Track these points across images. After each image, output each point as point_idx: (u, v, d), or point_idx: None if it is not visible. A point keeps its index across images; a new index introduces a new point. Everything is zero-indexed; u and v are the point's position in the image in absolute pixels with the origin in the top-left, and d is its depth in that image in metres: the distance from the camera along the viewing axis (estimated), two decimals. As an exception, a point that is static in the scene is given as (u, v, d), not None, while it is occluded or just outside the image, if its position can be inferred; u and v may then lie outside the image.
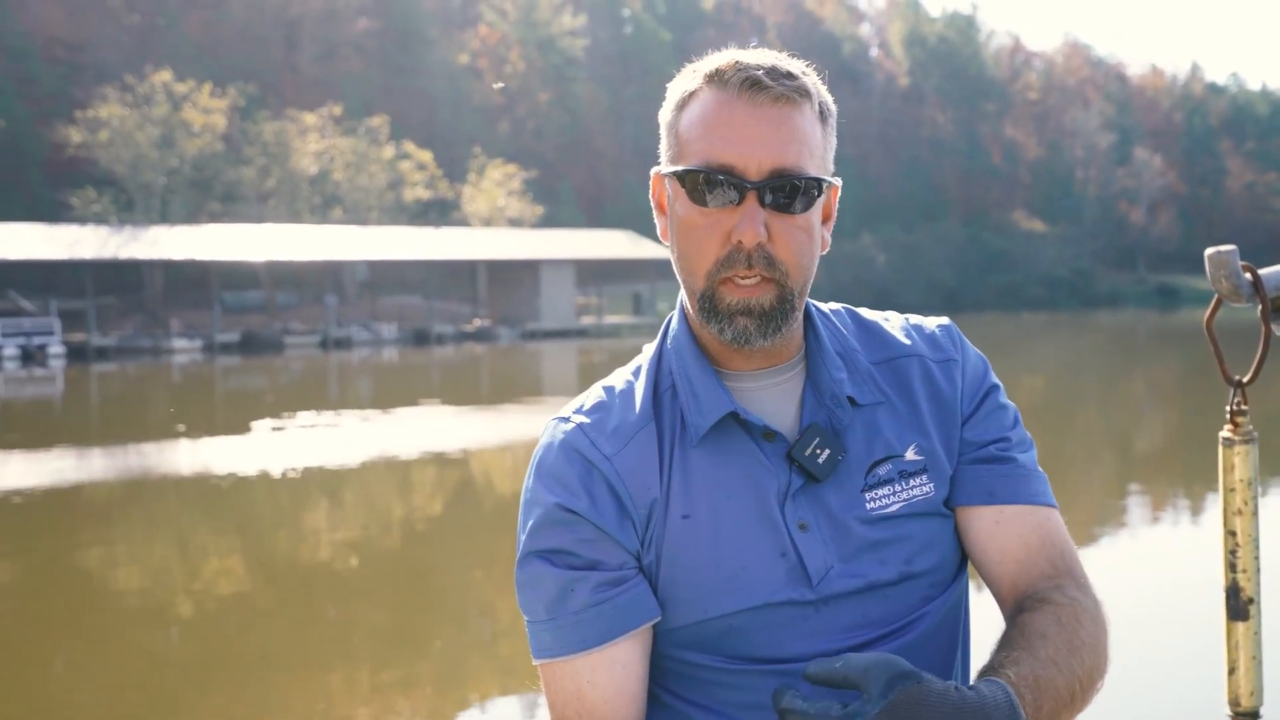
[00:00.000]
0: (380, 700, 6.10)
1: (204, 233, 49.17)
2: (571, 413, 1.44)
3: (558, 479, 1.37)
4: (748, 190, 1.29)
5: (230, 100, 56.13)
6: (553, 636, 1.35)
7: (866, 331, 1.49)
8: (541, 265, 53.57)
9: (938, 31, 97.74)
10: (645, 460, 1.38)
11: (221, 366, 37.14)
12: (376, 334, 49.55)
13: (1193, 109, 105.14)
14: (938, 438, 1.42)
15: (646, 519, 1.36)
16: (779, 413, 1.40)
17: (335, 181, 58.67)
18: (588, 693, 1.34)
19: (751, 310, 1.32)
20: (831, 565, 1.35)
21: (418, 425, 18.70)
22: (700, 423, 1.37)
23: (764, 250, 1.30)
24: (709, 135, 1.31)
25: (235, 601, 8.31)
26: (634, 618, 1.34)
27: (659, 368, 1.45)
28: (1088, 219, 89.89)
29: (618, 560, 1.35)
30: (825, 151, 1.36)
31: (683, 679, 1.39)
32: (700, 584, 1.35)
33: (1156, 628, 6.36)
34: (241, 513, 11.71)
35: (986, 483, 1.41)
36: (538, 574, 1.36)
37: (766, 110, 1.29)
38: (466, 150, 67.92)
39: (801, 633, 1.35)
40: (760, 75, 1.29)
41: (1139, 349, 38.89)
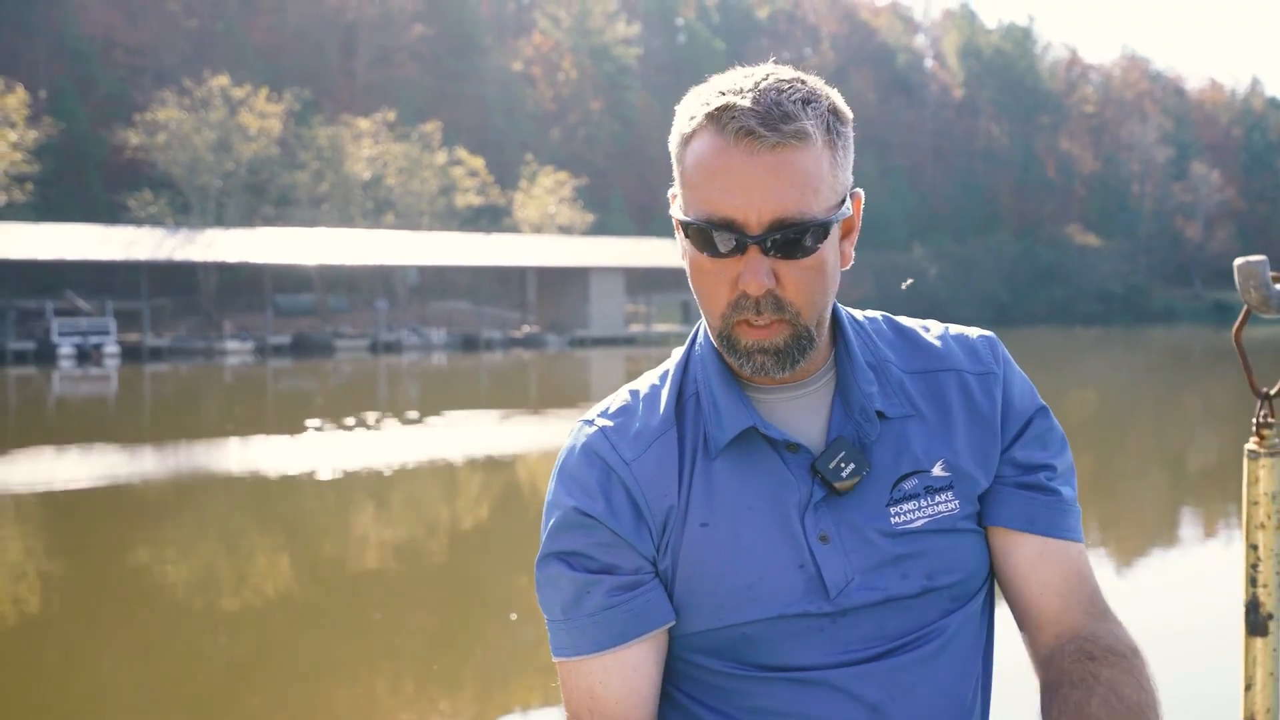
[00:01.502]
0: (424, 703, 6.12)
1: (258, 236, 49.70)
2: (596, 415, 1.45)
3: (577, 482, 1.40)
4: (749, 244, 1.27)
5: (286, 105, 56.72)
6: (568, 636, 1.38)
7: (904, 339, 1.47)
8: (591, 273, 53.67)
9: (993, 43, 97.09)
10: (665, 467, 1.39)
11: (273, 368, 37.48)
12: (426, 339, 49.83)
13: (1252, 124, 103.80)
14: (969, 453, 1.41)
15: (663, 525, 1.38)
16: (805, 424, 1.40)
17: (388, 186, 59.12)
18: (599, 692, 1.36)
19: (767, 350, 1.32)
20: (852, 578, 1.35)
21: (465, 430, 18.77)
22: (720, 436, 1.38)
23: (772, 295, 1.30)
24: (709, 185, 1.28)
25: (281, 601, 8.37)
26: (647, 622, 1.36)
27: (685, 374, 1.45)
28: (1143, 234, 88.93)
29: (633, 565, 1.37)
30: (835, 176, 1.31)
31: (697, 682, 1.40)
32: (716, 592, 1.36)
33: (1173, 641, 6.26)
34: (289, 513, 11.80)
35: (1029, 510, 1.40)
36: (555, 575, 1.39)
37: (764, 159, 1.26)
38: (518, 157, 68.26)
39: (817, 643, 1.36)
40: (755, 124, 1.25)
41: (1192, 365, 38.37)
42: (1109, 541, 9.79)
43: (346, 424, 19.29)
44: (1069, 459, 1.47)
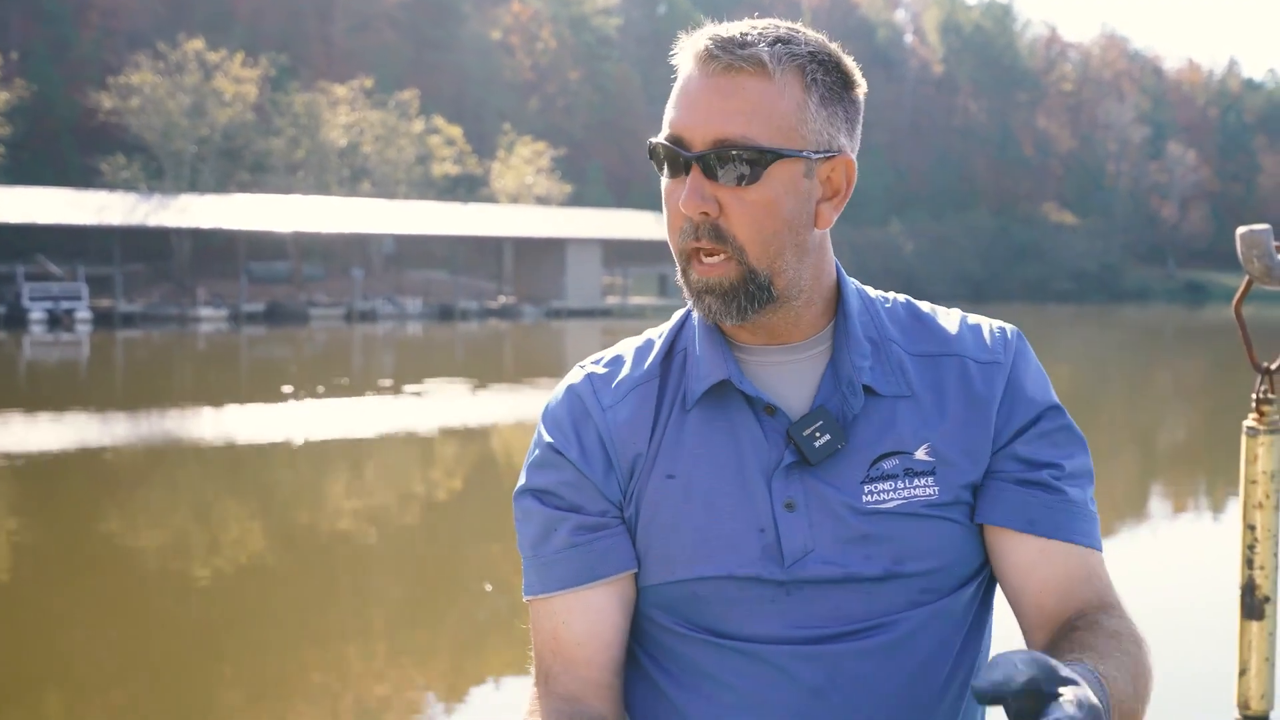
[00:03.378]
0: (396, 672, 6.12)
1: (232, 202, 49.36)
2: (589, 362, 1.47)
3: (557, 422, 1.42)
4: (691, 161, 1.27)
5: (262, 70, 56.25)
6: (535, 574, 1.39)
7: (917, 322, 1.43)
8: (568, 244, 53.56)
9: (973, 20, 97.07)
10: (639, 416, 1.39)
11: (247, 336, 37.30)
12: (401, 308, 49.67)
13: (1228, 105, 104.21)
14: (958, 441, 1.35)
15: (630, 473, 1.38)
16: (790, 389, 1.37)
17: (364, 154, 58.76)
18: (562, 633, 1.37)
19: (712, 289, 1.30)
20: (811, 550, 1.32)
21: (439, 400, 18.74)
22: (695, 387, 1.37)
23: (710, 223, 1.28)
24: (673, 106, 1.31)
25: (254, 569, 8.35)
26: (608, 566, 1.36)
27: (680, 331, 1.46)
28: (1118, 213, 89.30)
29: (599, 508, 1.37)
30: (804, 120, 1.29)
31: (653, 641, 1.40)
32: (672, 544, 1.35)
33: (1166, 623, 6.31)
34: (262, 482, 11.77)
35: (1028, 509, 1.34)
36: (528, 509, 1.41)
37: (717, 80, 1.27)
38: (496, 126, 67.92)
39: (767, 613, 1.33)
40: (711, 45, 1.27)
41: (1165, 344, 38.63)
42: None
43: (320, 393, 19.22)
44: (1084, 462, 1.40)
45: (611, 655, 1.37)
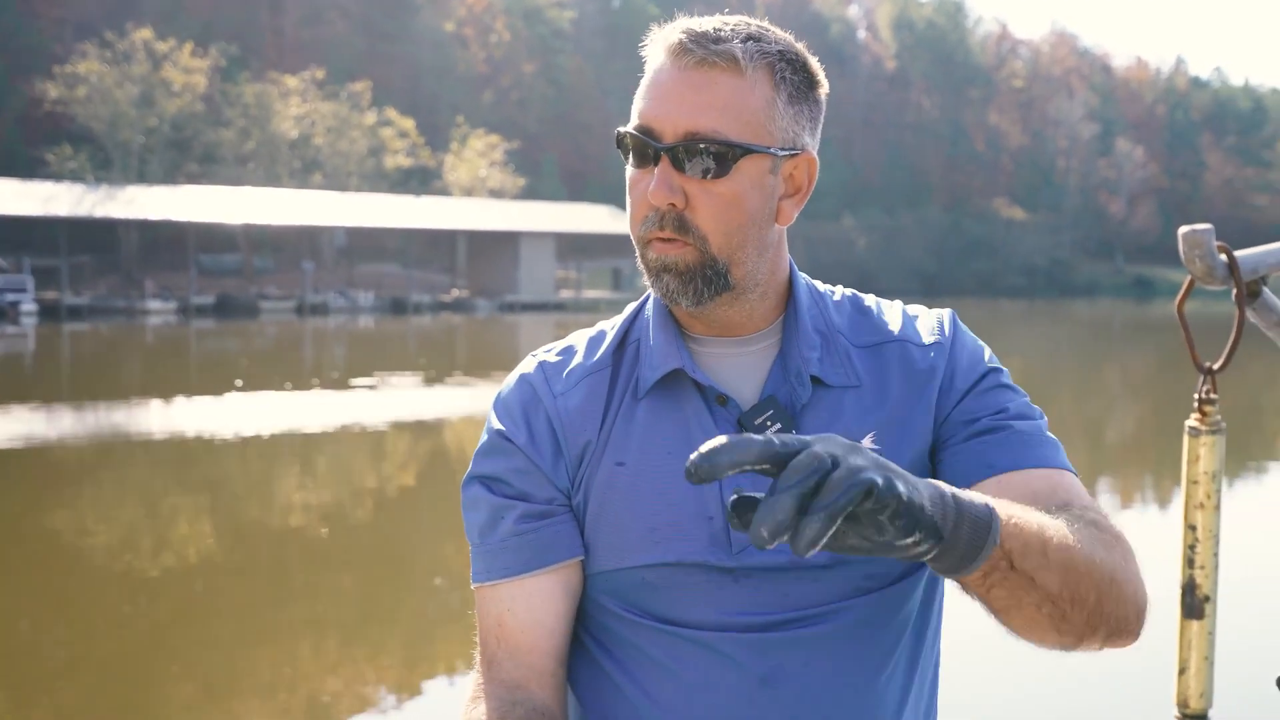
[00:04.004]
0: (347, 666, 6.09)
1: (181, 194, 48.83)
2: (543, 350, 1.49)
3: (507, 409, 1.42)
4: (662, 153, 1.28)
5: (211, 60, 55.66)
6: (481, 561, 1.39)
7: (862, 315, 1.46)
8: (521, 237, 53.42)
9: (926, 16, 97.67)
10: (590, 404, 1.40)
11: (196, 329, 36.93)
12: (353, 301, 49.37)
13: (1176, 102, 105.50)
14: (902, 421, 1.37)
15: (579, 460, 1.39)
16: (741, 381, 1.39)
17: (315, 146, 58.31)
18: (507, 620, 1.37)
19: (670, 268, 1.31)
20: None
21: (391, 394, 18.64)
22: (648, 375, 1.38)
23: (676, 214, 1.29)
24: (643, 97, 1.31)
25: (203, 565, 8.27)
26: (554, 553, 1.36)
27: (634, 322, 1.47)
28: (1068, 209, 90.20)
29: (546, 495, 1.38)
30: (772, 117, 1.31)
31: (602, 628, 1.40)
32: (621, 532, 1.36)
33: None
34: (212, 476, 11.66)
35: (984, 456, 1.34)
36: (476, 497, 1.41)
37: (689, 74, 1.28)
38: (449, 119, 67.60)
39: (715, 600, 1.34)
40: (686, 39, 1.28)
41: (1113, 339, 39.08)
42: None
43: (271, 386, 19.07)
44: (1026, 401, 1.40)
45: (555, 643, 1.38)
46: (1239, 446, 13.38)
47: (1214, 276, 0.83)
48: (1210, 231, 0.80)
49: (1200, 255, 0.81)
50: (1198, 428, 0.81)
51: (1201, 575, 0.81)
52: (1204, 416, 0.82)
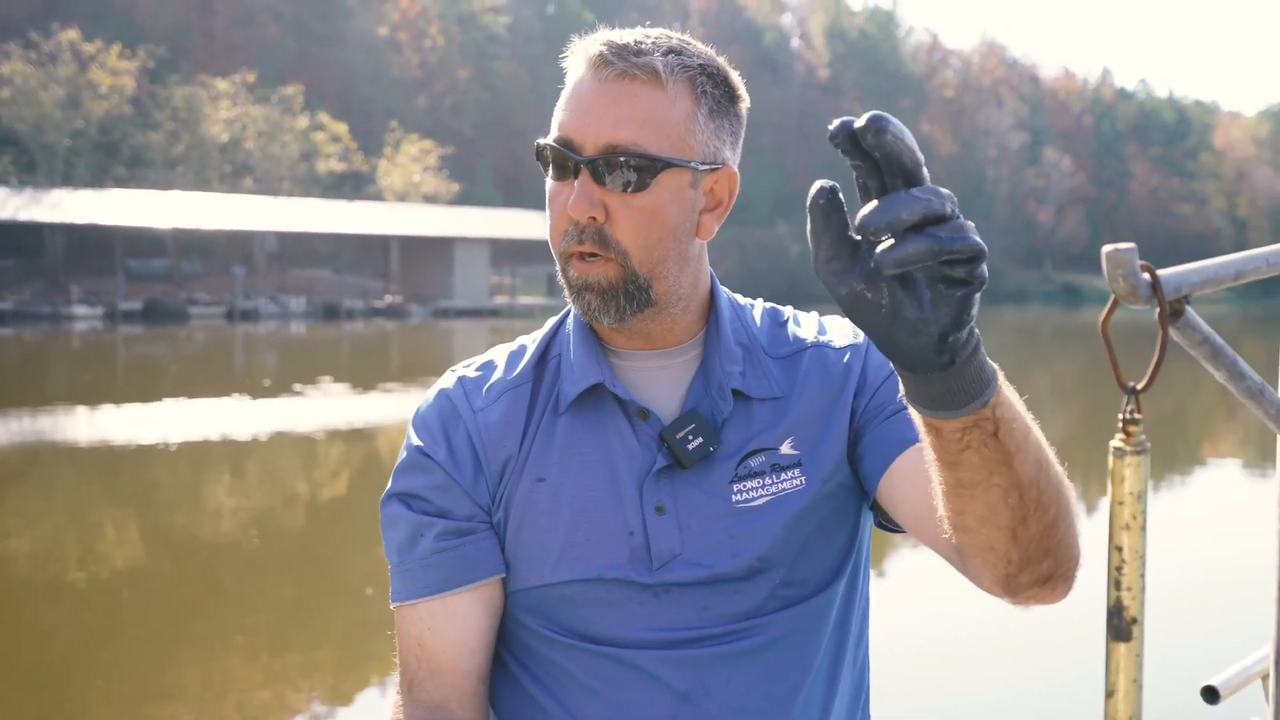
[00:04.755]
0: (279, 679, 6.02)
1: (108, 197, 48.05)
2: (462, 365, 1.47)
3: (426, 424, 1.41)
4: (581, 165, 1.28)
5: (140, 62, 54.79)
6: (401, 580, 1.38)
7: (780, 326, 1.47)
8: (456, 243, 53.17)
9: (858, 25, 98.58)
10: (510, 419, 1.39)
11: (123, 335, 36.35)
12: (284, 307, 48.84)
13: (1102, 113, 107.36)
14: (820, 422, 1.38)
15: (500, 476, 1.38)
16: (663, 394, 1.39)
17: (246, 150, 57.62)
18: (427, 639, 1.36)
19: (591, 287, 1.31)
20: (680, 552, 1.33)
21: (323, 401, 18.47)
22: (569, 390, 1.38)
23: (596, 228, 1.29)
24: (563, 109, 1.31)
25: (131, 575, 8.14)
26: (475, 571, 1.36)
27: (555, 336, 1.46)
28: (998, 217, 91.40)
29: (466, 512, 1.37)
30: (694, 133, 1.31)
31: (523, 646, 1.39)
32: (542, 548, 1.35)
33: (1031, 645, 6.45)
34: (141, 484, 11.48)
35: (898, 431, 1.32)
36: (394, 515, 1.40)
37: (610, 86, 1.28)
38: (383, 124, 67.12)
39: (636, 616, 1.34)
40: (606, 51, 1.28)
41: (1043, 347, 39.67)
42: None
43: (200, 393, 18.82)
44: None
45: (477, 662, 1.37)
46: (1167, 459, 13.61)
47: (1137, 296, 0.83)
48: (1133, 251, 0.80)
49: (1124, 274, 0.82)
50: (1122, 448, 0.82)
51: (1129, 597, 0.81)
52: (1128, 436, 0.83)
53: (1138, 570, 0.79)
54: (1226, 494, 11.51)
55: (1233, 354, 0.96)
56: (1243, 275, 0.96)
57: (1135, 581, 0.80)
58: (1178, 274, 0.91)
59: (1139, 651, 0.80)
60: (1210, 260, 0.93)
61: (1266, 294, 78.63)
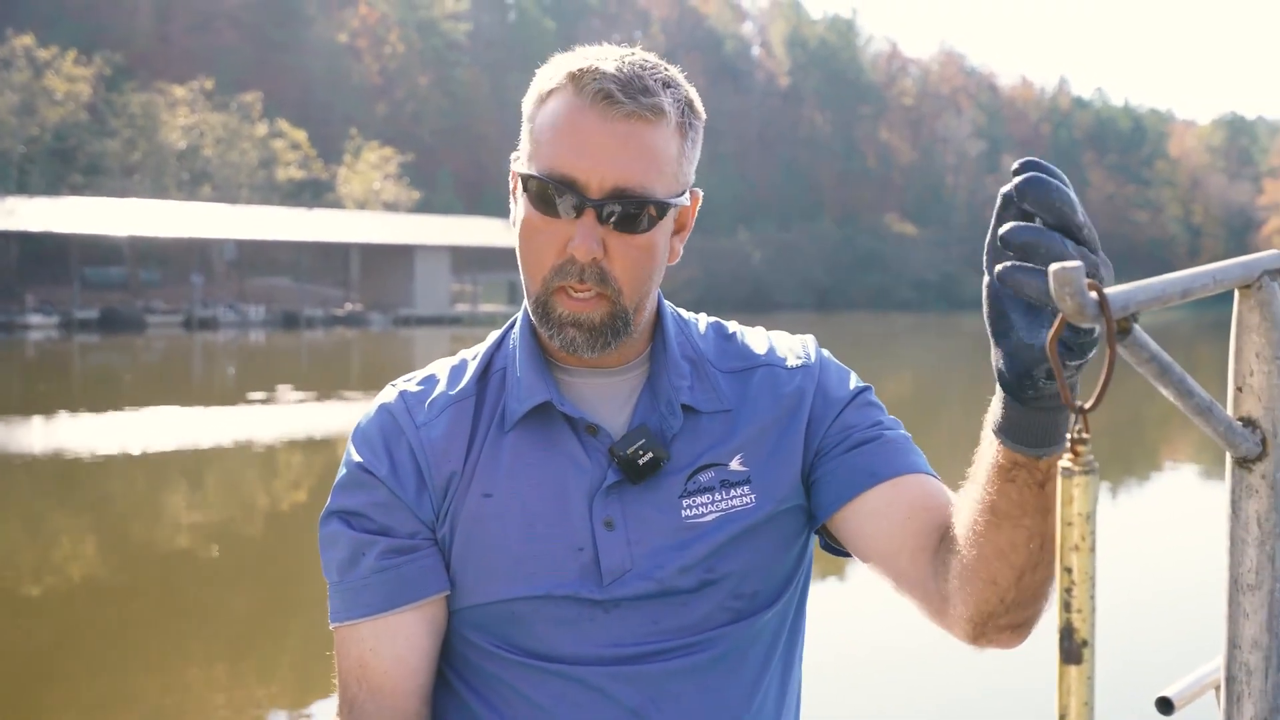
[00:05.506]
0: (238, 690, 5.97)
1: (64, 205, 47.59)
2: (403, 380, 1.45)
3: (367, 441, 1.38)
4: (586, 206, 1.26)
5: (96, 69, 54.38)
6: (341, 600, 1.35)
7: (727, 341, 1.47)
8: (416, 251, 53.00)
9: (818, 34, 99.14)
10: (454, 434, 1.37)
11: (79, 344, 36.00)
12: (243, 315, 48.53)
13: (1059, 121, 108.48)
14: (772, 443, 1.38)
15: (444, 492, 1.36)
16: (610, 410, 1.38)
17: (205, 157, 57.28)
18: (369, 660, 1.33)
19: (581, 324, 1.30)
20: (630, 568, 1.32)
21: (283, 410, 18.35)
22: (516, 408, 1.36)
23: (598, 266, 1.28)
24: (558, 142, 1.27)
25: (88, 587, 8.05)
26: (419, 589, 1.33)
27: (498, 349, 1.44)
28: (956, 224, 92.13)
29: (409, 529, 1.34)
30: (681, 165, 1.31)
31: (467, 664, 1.37)
32: (489, 565, 1.33)
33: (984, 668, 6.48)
34: (97, 495, 11.36)
35: (866, 465, 1.35)
36: (335, 533, 1.36)
37: (617, 125, 1.26)
38: (342, 131, 66.87)
39: (586, 632, 1.32)
40: (614, 89, 1.25)
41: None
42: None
43: (158, 402, 18.66)
44: (893, 418, 1.43)
45: (420, 682, 1.34)
46: (1126, 465, 13.76)
47: (1084, 314, 0.84)
48: (1080, 269, 0.80)
49: (1070, 293, 0.82)
50: (1070, 468, 0.82)
51: (1079, 619, 0.81)
52: (1076, 456, 0.84)
53: (1088, 592, 0.80)
54: (1186, 500, 11.64)
55: (1181, 371, 0.97)
56: (1190, 293, 0.97)
57: (1086, 603, 0.81)
58: (1125, 292, 0.91)
59: (1090, 674, 0.81)
60: (1158, 278, 0.94)
61: (1219, 301, 79.61)
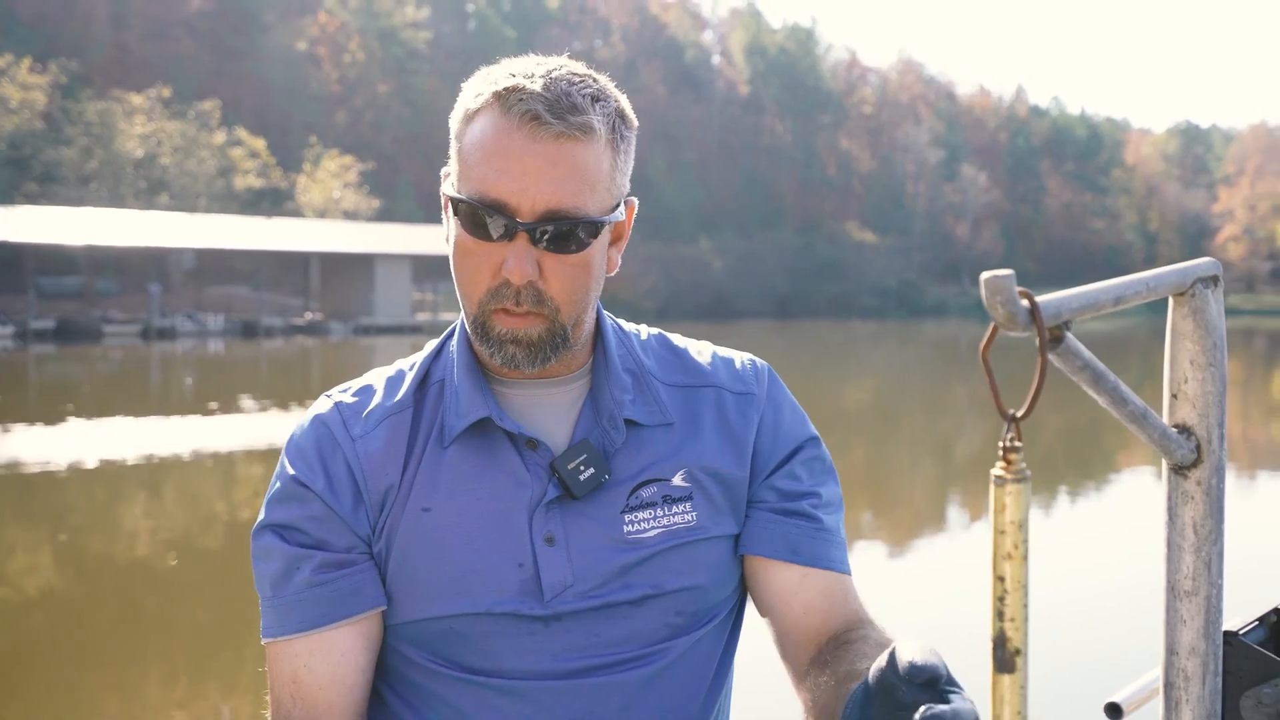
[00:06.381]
0: (198, 701, 5.92)
1: (19, 214, 47.00)
2: (338, 390, 1.42)
3: (302, 453, 1.36)
4: (518, 230, 1.24)
5: (51, 77, 53.86)
6: (274, 615, 1.33)
7: (672, 354, 1.46)
8: (376, 259, 52.76)
9: (778, 42, 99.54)
10: (392, 446, 1.35)
11: (35, 354, 35.58)
12: (202, 325, 48.14)
13: (1017, 129, 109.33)
14: (715, 467, 1.38)
15: (381, 506, 1.33)
16: (551, 423, 1.37)
17: (162, 166, 56.78)
18: (303, 676, 1.31)
19: (520, 341, 1.28)
20: (571, 584, 1.31)
21: (241, 419, 18.22)
22: (455, 423, 1.34)
23: (534, 288, 1.26)
24: (486, 164, 1.25)
25: (44, 599, 7.96)
26: (354, 604, 1.31)
27: (435, 360, 1.42)
28: (916, 232, 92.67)
29: (345, 543, 1.32)
30: (614, 179, 1.29)
31: (404, 680, 1.35)
32: (427, 581, 1.31)
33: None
34: (53, 507, 11.23)
35: (792, 539, 1.38)
36: (268, 547, 1.34)
37: (546, 146, 1.23)
38: (302, 139, 66.52)
39: (526, 648, 1.31)
40: (542, 110, 1.23)
41: (960, 361, 40.24)
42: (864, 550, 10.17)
43: (116, 413, 18.47)
44: (837, 491, 1.45)
45: (355, 699, 1.32)
46: (1078, 470, 13.89)
47: (1015, 323, 0.84)
48: (1011, 277, 0.79)
49: (1001, 301, 0.81)
50: (1003, 476, 0.83)
51: (1012, 628, 0.81)
52: (1009, 465, 0.84)
53: (1020, 600, 0.79)
54: (1140, 503, 11.75)
55: (1114, 379, 0.96)
56: (1124, 300, 0.96)
57: (1019, 612, 0.80)
58: (1057, 300, 0.90)
59: (1024, 683, 0.80)
60: (1090, 286, 0.93)
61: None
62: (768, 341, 43.10)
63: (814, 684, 1.29)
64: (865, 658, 1.23)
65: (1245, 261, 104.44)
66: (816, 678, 1.28)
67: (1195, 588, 1.12)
